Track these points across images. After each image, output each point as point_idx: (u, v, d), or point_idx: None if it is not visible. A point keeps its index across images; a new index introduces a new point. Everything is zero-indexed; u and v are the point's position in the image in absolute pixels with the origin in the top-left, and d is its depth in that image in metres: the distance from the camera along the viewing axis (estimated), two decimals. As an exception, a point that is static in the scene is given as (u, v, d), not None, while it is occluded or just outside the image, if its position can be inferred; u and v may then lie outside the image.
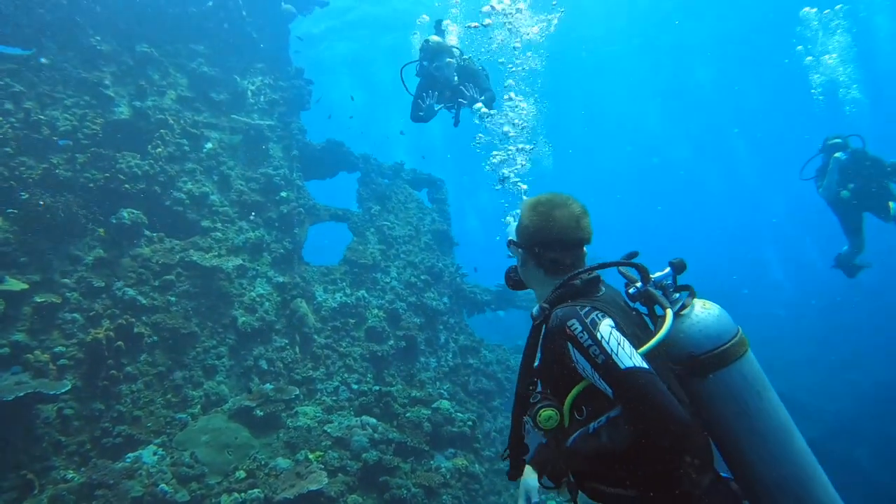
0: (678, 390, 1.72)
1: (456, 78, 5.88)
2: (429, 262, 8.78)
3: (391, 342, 7.82)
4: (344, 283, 8.04)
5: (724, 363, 1.77)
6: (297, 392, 6.60)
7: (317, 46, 19.96)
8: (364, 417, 6.42)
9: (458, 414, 6.93)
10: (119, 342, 6.04)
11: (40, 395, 5.32)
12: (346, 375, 7.28)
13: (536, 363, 1.84)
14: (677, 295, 1.89)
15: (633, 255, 1.97)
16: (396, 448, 6.20)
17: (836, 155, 6.56)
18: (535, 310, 1.87)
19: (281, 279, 7.46)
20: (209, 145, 7.83)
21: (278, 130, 8.50)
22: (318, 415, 6.49)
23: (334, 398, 6.99)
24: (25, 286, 5.83)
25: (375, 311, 7.95)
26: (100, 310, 6.15)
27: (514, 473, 1.95)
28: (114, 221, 6.59)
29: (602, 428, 1.62)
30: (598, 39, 24.25)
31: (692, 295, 1.88)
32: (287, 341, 7.16)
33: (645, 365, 1.54)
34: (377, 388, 6.98)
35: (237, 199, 7.66)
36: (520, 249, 2.04)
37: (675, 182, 45.66)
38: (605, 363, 1.55)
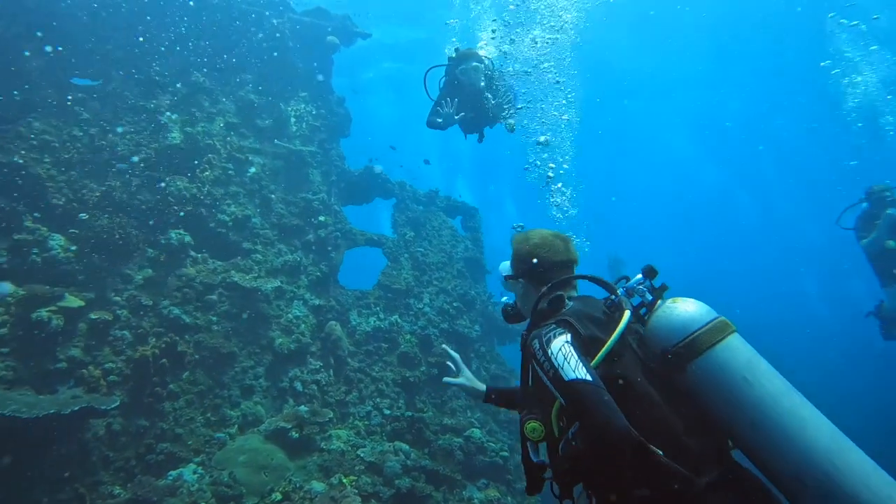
0: (647, 391, 1.75)
1: (483, 83, 5.65)
2: (461, 289, 8.87)
3: (423, 368, 7.89)
4: (378, 308, 8.18)
5: (697, 352, 1.76)
6: (332, 415, 6.70)
7: (359, 71, 20.50)
8: (397, 443, 6.47)
9: (491, 444, 6.91)
10: (164, 360, 6.26)
11: (92, 410, 5.55)
12: (378, 400, 7.36)
13: (530, 384, 1.97)
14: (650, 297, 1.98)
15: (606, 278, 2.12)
16: (428, 476, 6.22)
17: (890, 211, 6.38)
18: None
19: (317, 302, 7.64)
20: (253, 170, 8.14)
21: (318, 156, 8.79)
22: (351, 439, 6.56)
23: (366, 422, 7.06)
24: (82, 303, 6.12)
25: (408, 336, 8.05)
26: (147, 327, 6.40)
27: (531, 489, 1.99)
28: (163, 242, 6.90)
29: (576, 435, 1.69)
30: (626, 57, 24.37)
31: (659, 295, 1.96)
32: (321, 364, 7.30)
33: (587, 377, 1.62)
34: (410, 414, 7.03)
35: (277, 222, 7.93)
36: (520, 280, 2.27)
37: (707, 210, 44.88)
38: (554, 376, 1.67)
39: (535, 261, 2.21)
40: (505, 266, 2.38)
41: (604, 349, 1.76)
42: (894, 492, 1.52)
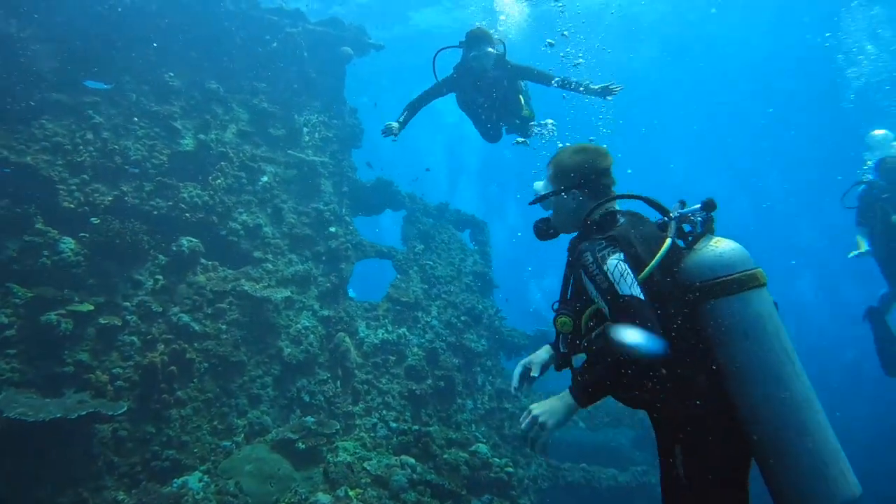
0: (668, 316, 1.91)
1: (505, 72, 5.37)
2: (469, 303, 8.88)
3: (429, 381, 7.86)
4: (386, 320, 8.17)
5: (714, 295, 1.91)
6: (338, 426, 6.66)
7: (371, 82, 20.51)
8: (403, 457, 6.43)
9: (496, 459, 6.88)
10: (172, 367, 6.23)
11: (99, 415, 5.50)
12: (384, 412, 7.32)
13: (569, 289, 2.24)
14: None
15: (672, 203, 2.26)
16: (434, 490, 6.17)
17: None
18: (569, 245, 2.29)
19: (326, 313, 7.63)
20: (265, 178, 8.17)
21: (330, 167, 8.83)
22: (357, 451, 6.52)
23: (372, 435, 7.02)
24: (91, 307, 6.10)
25: (415, 349, 8.03)
26: (156, 334, 6.37)
27: (559, 368, 2.43)
28: (174, 249, 6.89)
29: (598, 336, 1.99)
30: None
31: (708, 229, 2.10)
32: (329, 375, 7.27)
33: (640, 295, 1.81)
34: (416, 427, 7.00)
35: (288, 231, 7.94)
36: (565, 194, 2.30)
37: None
38: (609, 289, 1.85)
39: (586, 167, 2.27)
40: (540, 185, 2.41)
41: (644, 271, 1.93)
42: (840, 457, 1.75)
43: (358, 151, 9.60)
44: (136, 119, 7.47)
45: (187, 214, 7.22)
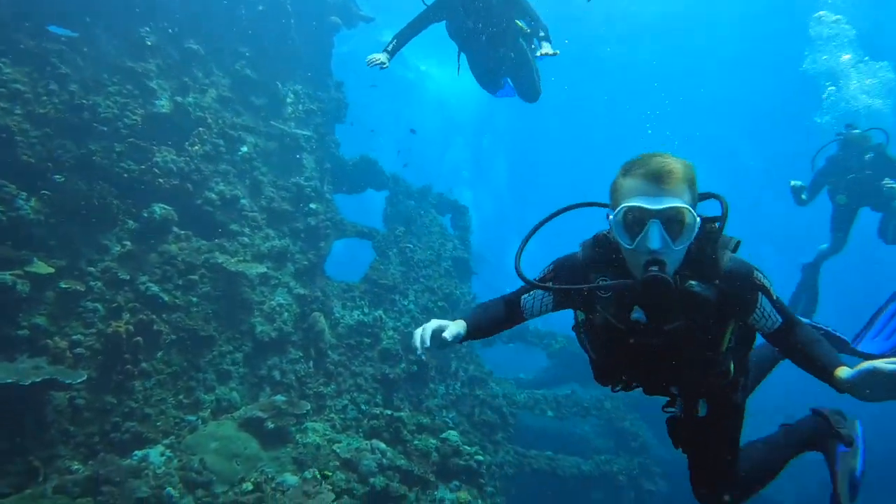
0: None
1: None
2: (447, 289, 8.83)
3: (403, 365, 7.80)
4: (363, 302, 8.04)
5: None
6: (309, 407, 6.54)
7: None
8: (374, 441, 6.38)
9: (466, 447, 6.90)
10: (138, 337, 5.97)
11: (55, 383, 5.24)
12: (356, 395, 7.24)
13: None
14: None
15: None
16: (403, 475, 6.15)
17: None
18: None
19: (302, 291, 7.44)
20: (244, 149, 7.86)
21: (313, 141, 8.56)
22: (327, 433, 6.43)
23: (342, 416, 6.94)
24: (51, 270, 5.75)
25: (391, 332, 7.94)
26: (122, 302, 6.07)
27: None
28: (145, 215, 6.56)
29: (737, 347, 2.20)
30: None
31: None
32: (302, 354, 7.12)
33: None
34: (388, 412, 6.94)
35: (267, 205, 7.68)
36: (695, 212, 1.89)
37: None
38: (779, 301, 2.10)
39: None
40: (679, 208, 1.76)
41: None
42: None
43: (342, 127, 9.34)
44: (106, 75, 7.02)
45: (161, 180, 6.88)
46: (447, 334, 2.08)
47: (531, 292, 2.21)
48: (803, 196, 7.21)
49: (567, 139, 30.11)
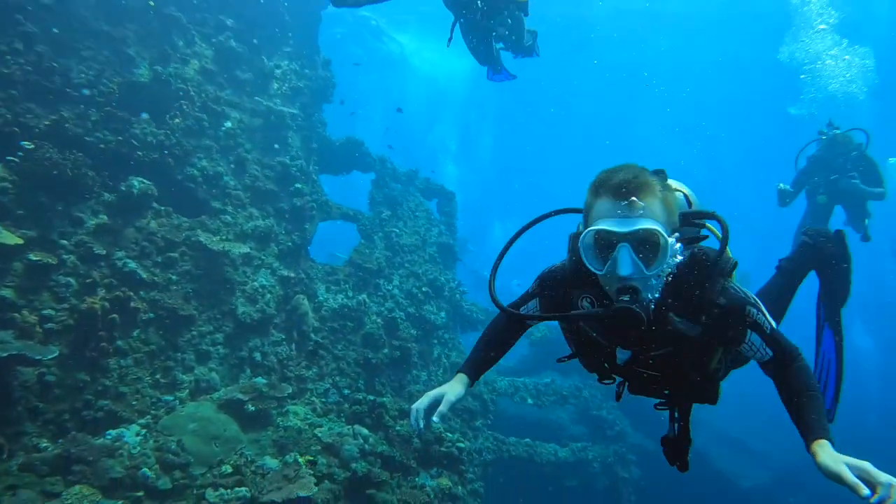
0: None
1: None
2: (431, 274, 8.76)
3: (386, 350, 7.73)
4: (347, 286, 7.91)
5: None
6: (290, 390, 6.43)
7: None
8: (356, 426, 6.32)
9: (448, 434, 6.90)
10: (113, 314, 5.75)
11: (24, 358, 5.01)
12: (337, 379, 7.14)
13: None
14: None
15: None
16: (385, 461, 6.12)
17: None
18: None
19: (285, 273, 7.27)
20: (228, 124, 7.60)
21: (299, 120, 8.33)
22: (308, 416, 6.34)
23: (324, 400, 6.84)
24: (20, 241, 5.47)
25: (374, 317, 7.84)
26: (97, 278, 5.83)
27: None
28: (123, 189, 6.29)
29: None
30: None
31: None
32: (284, 337, 6.97)
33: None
34: (371, 397, 6.87)
35: (251, 184, 7.45)
36: (676, 238, 1.76)
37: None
38: (773, 331, 1.98)
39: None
40: (651, 230, 1.61)
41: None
42: None
43: (329, 106, 9.12)
44: (80, 38, 6.65)
45: (140, 153, 6.60)
46: (444, 407, 2.04)
47: (526, 304, 2.14)
48: (787, 199, 7.33)
49: (553, 121, 30.12)
